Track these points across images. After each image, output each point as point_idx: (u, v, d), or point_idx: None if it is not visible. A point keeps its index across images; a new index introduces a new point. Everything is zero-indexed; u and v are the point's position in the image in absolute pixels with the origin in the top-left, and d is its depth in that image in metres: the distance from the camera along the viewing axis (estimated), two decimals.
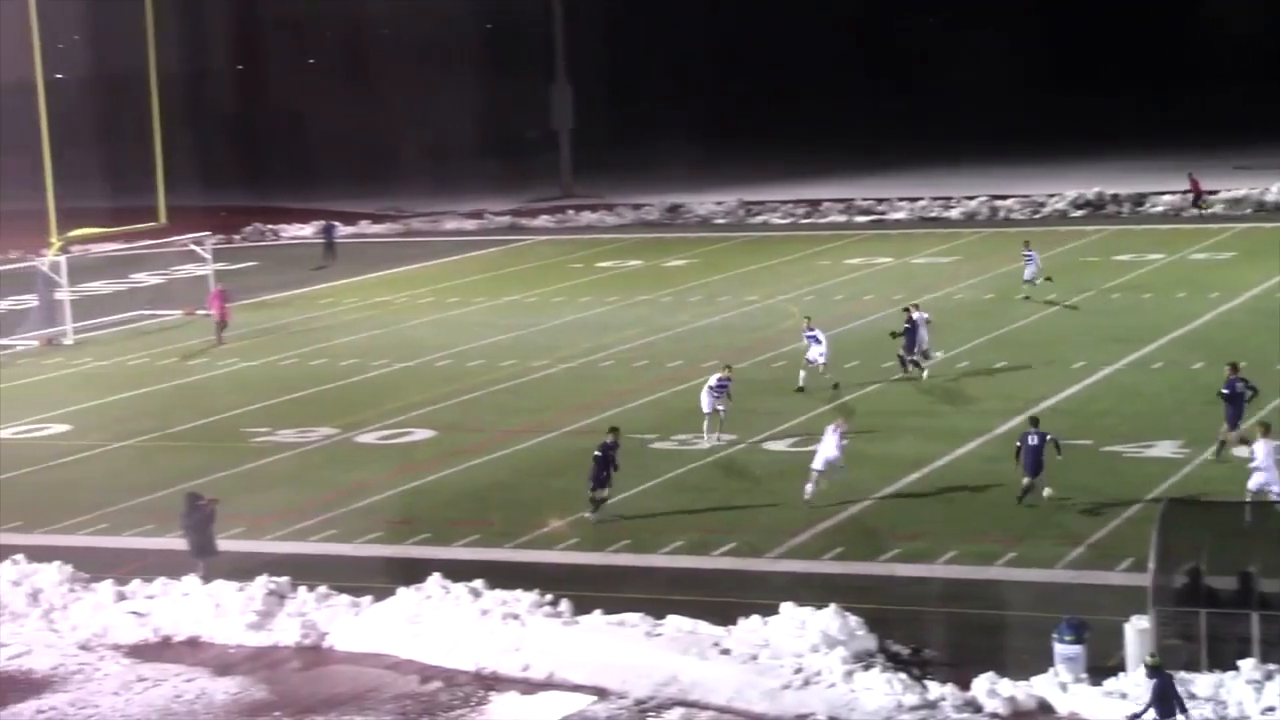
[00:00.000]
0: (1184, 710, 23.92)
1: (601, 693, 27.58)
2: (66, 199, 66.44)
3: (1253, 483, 33.78)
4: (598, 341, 56.61)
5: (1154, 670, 24.11)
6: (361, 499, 38.87)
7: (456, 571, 31.91)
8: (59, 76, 78.13)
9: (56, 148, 64.81)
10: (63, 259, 64.91)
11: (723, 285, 67.82)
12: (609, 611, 29.69)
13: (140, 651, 30.67)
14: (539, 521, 36.35)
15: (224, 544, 34.24)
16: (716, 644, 28.26)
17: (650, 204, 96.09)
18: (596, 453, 36.39)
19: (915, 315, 48.92)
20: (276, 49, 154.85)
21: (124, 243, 76.33)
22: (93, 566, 34.06)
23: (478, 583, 31.10)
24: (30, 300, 67.42)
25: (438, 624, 29.91)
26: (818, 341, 47.43)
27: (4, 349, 62.07)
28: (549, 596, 30.49)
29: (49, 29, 65.47)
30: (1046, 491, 35.81)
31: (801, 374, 47.31)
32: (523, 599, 30.38)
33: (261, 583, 31.84)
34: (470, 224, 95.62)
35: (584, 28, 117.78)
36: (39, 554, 34.57)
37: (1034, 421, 36.94)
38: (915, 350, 48.40)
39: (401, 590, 31.19)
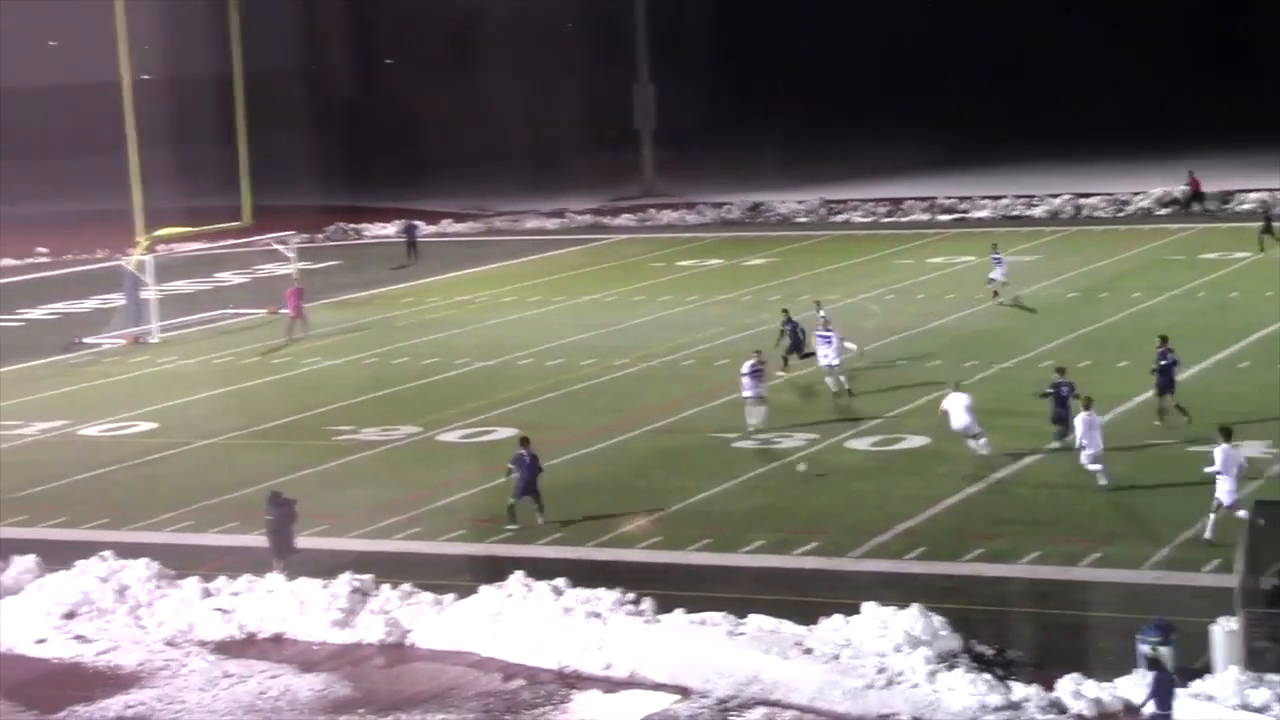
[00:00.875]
0: (1170, 709, 23.89)
1: (684, 691, 27.55)
2: (153, 199, 67.00)
3: (1083, 457, 36.57)
4: (678, 341, 56.59)
5: (1153, 663, 24.30)
6: (444, 497, 39.00)
7: (538, 570, 31.95)
8: (145, 77, 78.78)
9: (143, 148, 65.39)
10: (149, 258, 65.46)
11: (803, 284, 67.66)
12: (691, 610, 29.65)
13: (226, 648, 30.87)
14: (620, 520, 36.36)
15: (307, 542, 34.44)
16: (799, 643, 28.18)
17: (731, 203, 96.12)
18: (527, 459, 36.24)
19: (817, 316, 50.01)
20: (356, 48, 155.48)
21: (208, 242, 76.99)
22: (179, 563, 34.30)
23: (559, 581, 31.13)
24: (117, 299, 68.10)
25: (520, 622, 29.96)
26: (829, 343, 46.92)
27: (92, 347, 62.69)
28: (631, 595, 30.49)
29: (135, 30, 65.94)
30: (1067, 439, 38.20)
31: (829, 381, 46.98)
32: (604, 597, 30.39)
33: (345, 580, 31.99)
34: (551, 223, 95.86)
35: (669, 26, 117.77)
36: (126, 550, 34.84)
37: (1060, 371, 40.27)
38: (801, 350, 49.03)
39: (484, 588, 31.25)
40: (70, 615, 32.59)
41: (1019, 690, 26.23)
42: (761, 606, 29.71)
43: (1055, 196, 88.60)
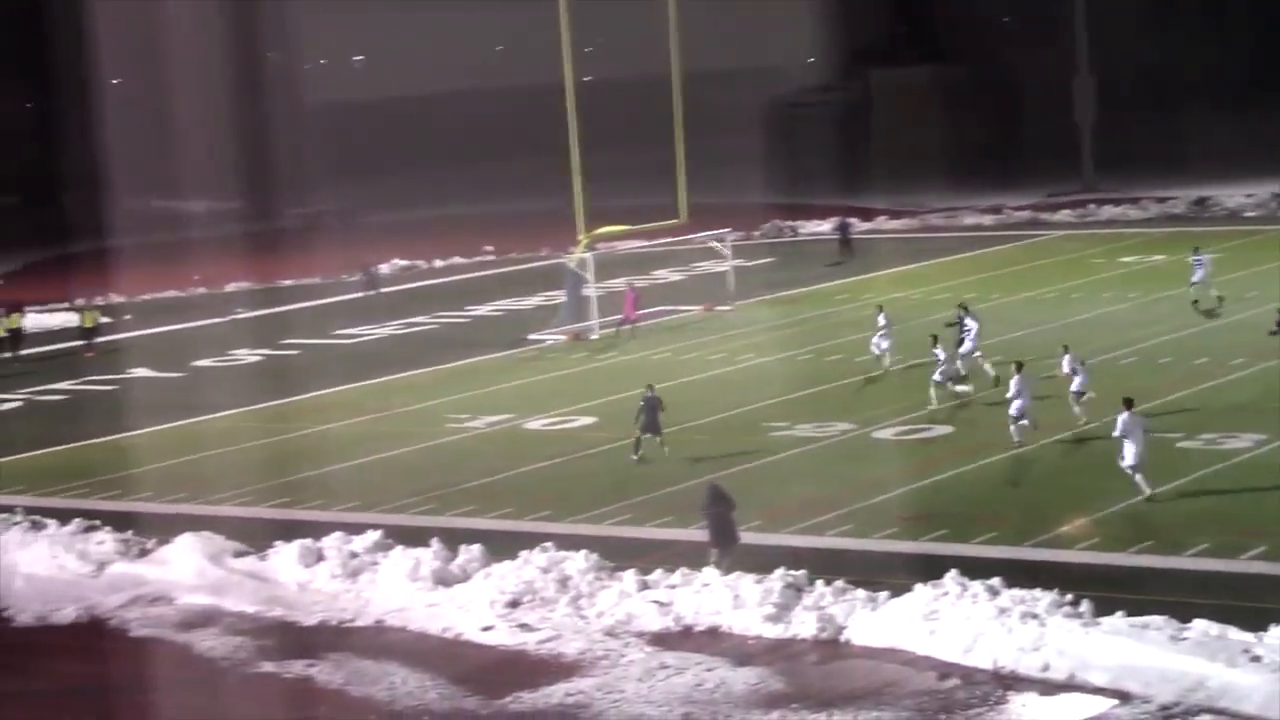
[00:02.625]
0: None
1: (1124, 696, 26.90)
2: (599, 198, 68.50)
3: (1012, 409, 41.33)
4: (1119, 338, 55.28)
5: None
6: (878, 494, 38.87)
7: (973, 569, 31.58)
8: (587, 79, 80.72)
9: (587, 148, 66.87)
10: (589, 256, 66.95)
11: (1252, 280, 65.38)
12: (1131, 613, 28.95)
13: (662, 640, 31.29)
14: (1059, 519, 35.70)
15: (742, 535, 34.65)
16: (1246, 650, 27.25)
17: (1176, 197, 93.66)
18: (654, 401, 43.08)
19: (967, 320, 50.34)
20: (794, 50, 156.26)
21: (647, 240, 78.30)
22: (617, 555, 34.96)
23: (995, 580, 30.76)
24: (560, 296, 69.81)
25: (955, 621, 29.67)
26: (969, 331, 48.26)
27: (535, 343, 64.40)
28: (1069, 596, 29.92)
29: (580, 32, 67.48)
30: None
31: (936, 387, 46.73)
32: (1041, 598, 29.89)
33: (779, 575, 32.17)
34: (988, 219, 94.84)
35: (1111, 18, 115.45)
36: (567, 542, 35.65)
37: None
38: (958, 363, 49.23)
39: (918, 586, 31.06)
40: (514, 604, 33.51)
41: None
42: (1206, 611, 28.80)
43: None
